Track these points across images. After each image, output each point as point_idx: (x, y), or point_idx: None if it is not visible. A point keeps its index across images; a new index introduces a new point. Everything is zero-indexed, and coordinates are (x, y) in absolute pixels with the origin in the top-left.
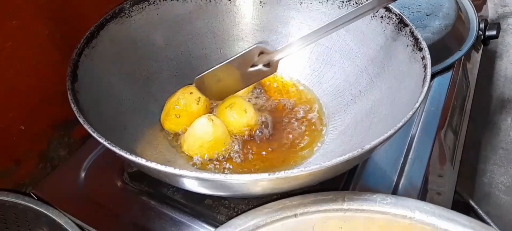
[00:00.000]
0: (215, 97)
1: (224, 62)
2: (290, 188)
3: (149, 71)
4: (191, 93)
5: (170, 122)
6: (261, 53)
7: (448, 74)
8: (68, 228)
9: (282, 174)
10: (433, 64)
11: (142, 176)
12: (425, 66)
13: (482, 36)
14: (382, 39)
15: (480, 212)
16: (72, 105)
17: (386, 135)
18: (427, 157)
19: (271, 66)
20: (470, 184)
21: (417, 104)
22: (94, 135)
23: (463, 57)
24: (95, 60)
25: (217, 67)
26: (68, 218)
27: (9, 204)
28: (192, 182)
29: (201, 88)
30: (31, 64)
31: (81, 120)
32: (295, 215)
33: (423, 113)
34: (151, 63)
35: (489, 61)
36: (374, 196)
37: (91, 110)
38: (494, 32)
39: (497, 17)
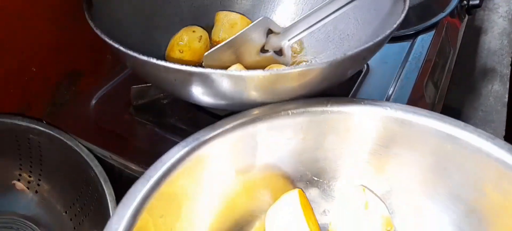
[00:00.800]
0: None
1: (231, 38)
2: (286, 95)
3: (155, 16)
4: (193, 31)
5: (173, 57)
6: (270, 32)
7: (431, 33)
8: (79, 151)
9: (274, 71)
10: (418, 23)
11: (147, 108)
12: (404, 1)
13: (466, 5)
14: None
15: None
16: (90, 21)
17: (365, 46)
18: (407, 97)
19: (283, 54)
20: None
21: (395, 25)
22: (109, 40)
23: (447, 22)
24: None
25: (224, 44)
26: (79, 142)
27: (23, 128)
28: (198, 80)
29: (213, 65)
30: (46, 10)
31: (98, 32)
32: (288, 113)
33: (407, 64)
34: (157, 8)
35: (475, 35)
36: (352, 100)
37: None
38: (477, 1)
39: None
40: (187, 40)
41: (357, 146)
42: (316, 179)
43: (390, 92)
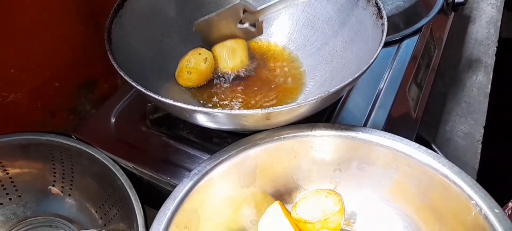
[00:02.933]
0: (216, 41)
1: (213, 14)
2: (279, 124)
3: (164, 36)
4: (199, 54)
5: (183, 78)
6: (245, 11)
7: (416, 37)
8: (105, 162)
9: (270, 109)
10: (403, 29)
11: (161, 122)
12: (382, 31)
13: (452, 3)
14: (355, 9)
15: (440, 153)
16: (113, 62)
17: (344, 83)
18: (390, 105)
19: (256, 27)
20: (434, 131)
21: (372, 60)
22: (136, 85)
23: (432, 22)
24: (122, 28)
25: (208, 18)
26: (105, 154)
27: (57, 144)
28: (202, 116)
29: (202, 31)
30: (62, 32)
31: (121, 73)
32: (280, 138)
33: (391, 70)
34: (165, 29)
35: (463, 24)
36: (332, 125)
37: (123, 67)
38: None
39: None
40: (194, 63)
41: (335, 161)
42: (300, 185)
43: (376, 98)
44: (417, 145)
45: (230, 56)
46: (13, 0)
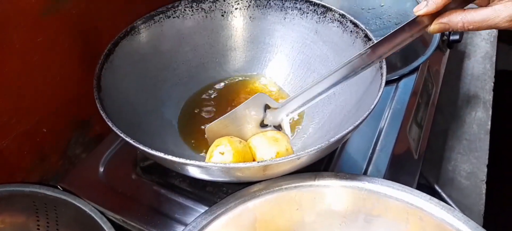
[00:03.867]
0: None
1: (228, 114)
2: (277, 175)
3: (157, 79)
4: (231, 137)
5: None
6: (267, 107)
7: (414, 76)
8: (92, 215)
9: (267, 162)
10: (401, 68)
11: (152, 169)
12: (381, 75)
13: (447, 40)
14: (352, 50)
15: (443, 195)
16: (101, 112)
17: (344, 132)
18: (391, 148)
19: (282, 128)
20: (436, 170)
21: (372, 106)
22: (125, 137)
23: (428, 60)
24: (113, 73)
25: (223, 118)
26: (92, 205)
27: (41, 195)
28: (194, 169)
29: (213, 137)
30: (54, 73)
31: (109, 124)
32: (281, 189)
33: (391, 111)
34: (158, 72)
35: (458, 60)
36: (337, 174)
37: (113, 113)
38: (457, 37)
39: None
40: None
41: (341, 213)
42: None
43: (376, 140)
44: (428, 196)
45: (273, 144)
46: (2, 45)
